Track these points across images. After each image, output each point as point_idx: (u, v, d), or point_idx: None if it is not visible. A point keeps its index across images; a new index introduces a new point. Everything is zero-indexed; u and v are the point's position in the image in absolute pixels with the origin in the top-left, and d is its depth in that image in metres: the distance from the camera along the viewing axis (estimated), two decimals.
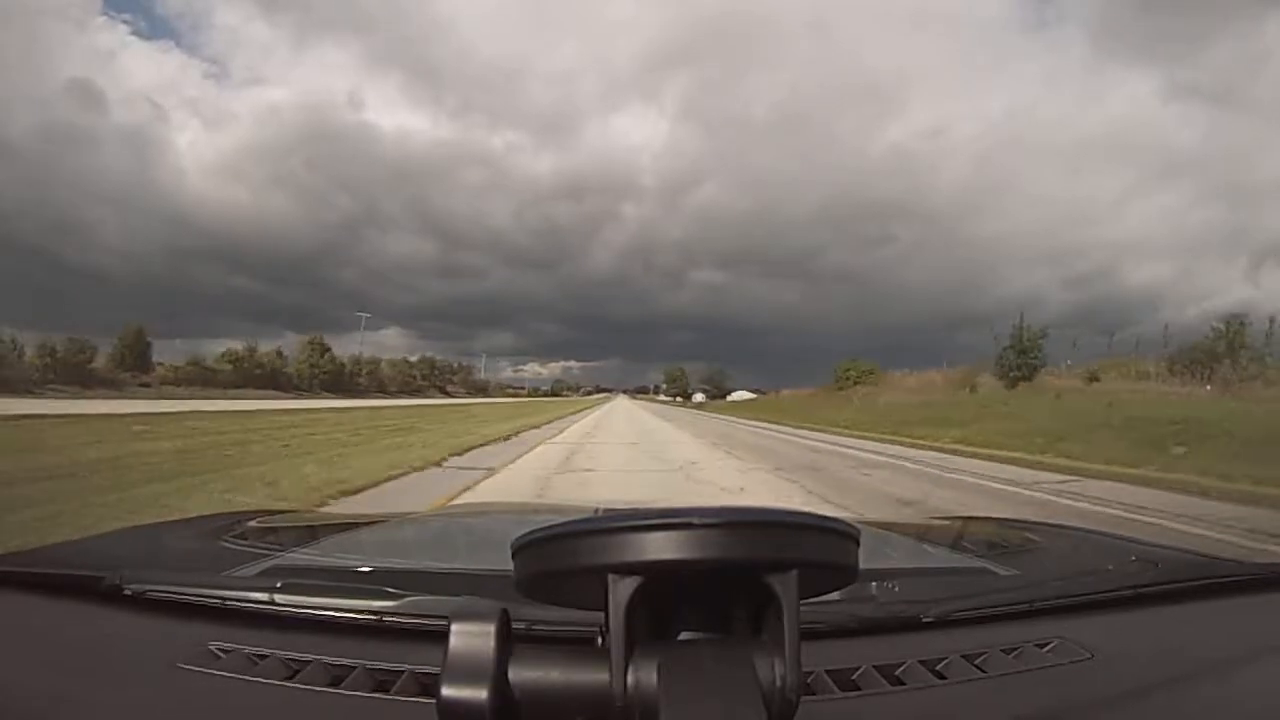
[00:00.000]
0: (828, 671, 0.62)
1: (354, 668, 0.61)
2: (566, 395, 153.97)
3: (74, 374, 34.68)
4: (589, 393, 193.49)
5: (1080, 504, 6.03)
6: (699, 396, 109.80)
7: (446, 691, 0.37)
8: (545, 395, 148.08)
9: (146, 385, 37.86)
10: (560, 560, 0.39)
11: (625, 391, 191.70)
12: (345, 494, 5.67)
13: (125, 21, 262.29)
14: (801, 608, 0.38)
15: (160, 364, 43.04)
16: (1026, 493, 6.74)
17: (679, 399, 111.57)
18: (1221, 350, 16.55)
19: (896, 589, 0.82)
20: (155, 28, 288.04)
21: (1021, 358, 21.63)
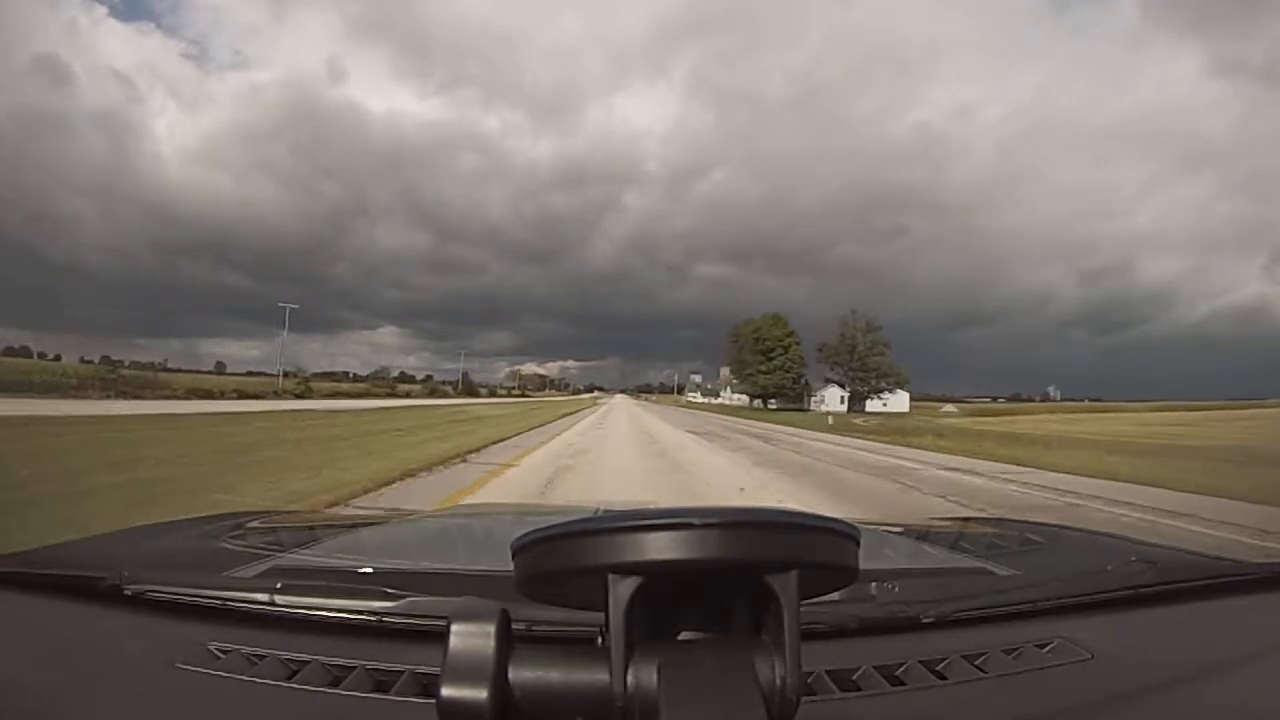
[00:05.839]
0: (828, 672, 0.62)
1: (354, 668, 0.61)
2: (548, 395, 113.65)
3: None
4: (576, 392, 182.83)
5: None
6: (835, 398, 51.50)
7: (446, 691, 0.37)
8: (518, 396, 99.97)
9: None
10: (560, 560, 0.39)
11: (624, 391, 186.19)
12: None
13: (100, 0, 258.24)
14: (801, 608, 0.38)
15: None
16: None
17: (762, 404, 53.23)
18: None
19: (896, 589, 0.82)
20: (131, 6, 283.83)
21: None
